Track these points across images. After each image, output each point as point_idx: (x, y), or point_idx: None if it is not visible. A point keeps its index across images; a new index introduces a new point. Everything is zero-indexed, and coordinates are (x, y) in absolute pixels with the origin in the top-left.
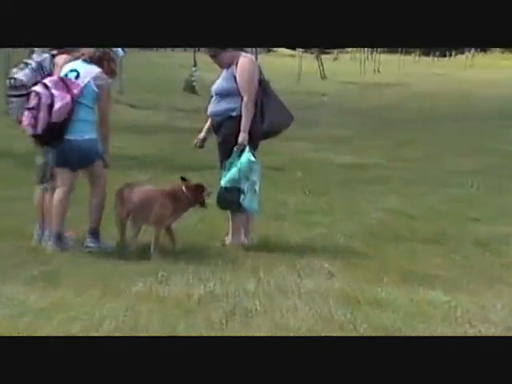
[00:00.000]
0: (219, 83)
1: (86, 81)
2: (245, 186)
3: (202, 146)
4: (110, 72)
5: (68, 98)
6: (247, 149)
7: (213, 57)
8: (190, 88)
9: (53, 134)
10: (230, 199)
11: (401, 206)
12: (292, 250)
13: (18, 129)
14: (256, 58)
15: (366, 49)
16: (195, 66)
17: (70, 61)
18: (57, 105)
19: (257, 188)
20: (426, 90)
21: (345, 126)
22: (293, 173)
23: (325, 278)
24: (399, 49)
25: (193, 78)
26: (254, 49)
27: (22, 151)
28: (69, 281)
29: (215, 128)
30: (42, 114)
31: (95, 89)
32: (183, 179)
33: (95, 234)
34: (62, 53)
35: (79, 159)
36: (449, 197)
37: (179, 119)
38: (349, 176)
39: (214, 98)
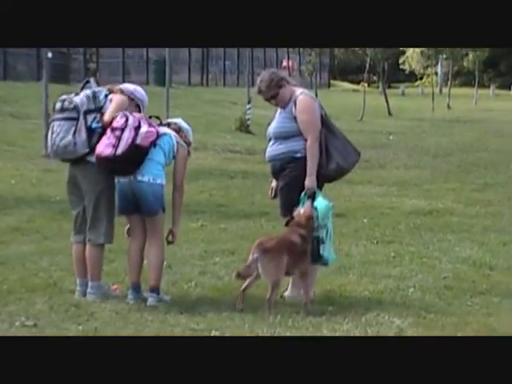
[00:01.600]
0: (278, 125)
1: (167, 131)
2: (323, 234)
3: (276, 196)
4: (187, 143)
5: (154, 129)
6: (319, 193)
7: (272, 98)
8: (244, 127)
9: (131, 159)
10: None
11: (478, 256)
12: (358, 305)
13: (57, 173)
14: (316, 94)
15: (436, 82)
16: (249, 102)
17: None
18: (143, 128)
19: (332, 235)
20: (505, 128)
21: (414, 167)
22: (358, 220)
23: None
24: (474, 82)
25: (247, 117)
26: (314, 83)
27: (60, 198)
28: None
29: (276, 173)
30: (127, 134)
31: (175, 143)
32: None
33: (157, 291)
34: (116, 92)
35: (150, 203)
36: None
37: (232, 161)
38: (420, 223)
39: (272, 141)
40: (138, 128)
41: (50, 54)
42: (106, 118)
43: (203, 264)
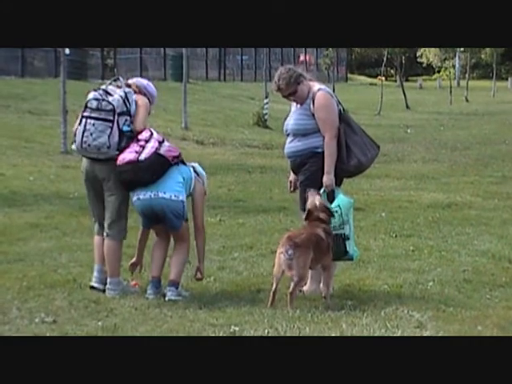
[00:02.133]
0: (295, 122)
1: (189, 164)
2: (347, 231)
3: (296, 189)
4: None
5: (177, 149)
6: (338, 191)
7: (291, 95)
8: (262, 122)
9: (153, 167)
10: (335, 248)
11: (498, 249)
12: (377, 299)
13: (75, 170)
14: (333, 88)
15: (453, 75)
16: (267, 97)
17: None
18: (167, 143)
19: (353, 230)
20: None
21: (432, 161)
22: (376, 214)
23: (414, 330)
24: (492, 74)
25: (264, 111)
26: (332, 77)
27: (79, 194)
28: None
29: (295, 168)
30: (152, 144)
31: (193, 176)
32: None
33: (176, 285)
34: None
35: (172, 221)
36: None
37: (250, 156)
38: (438, 216)
39: (291, 137)
40: (161, 142)
41: (67, 51)
42: (139, 124)
43: (222, 259)
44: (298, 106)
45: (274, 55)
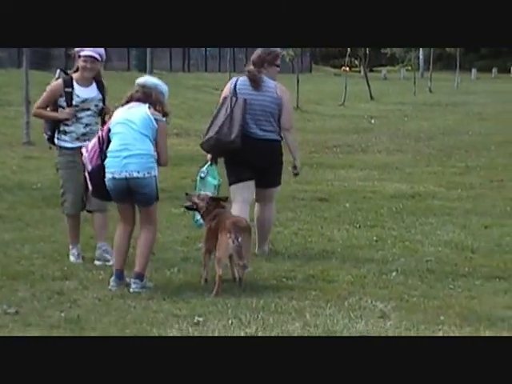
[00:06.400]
0: None
1: (141, 111)
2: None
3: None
4: (165, 113)
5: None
6: (206, 164)
7: None
8: None
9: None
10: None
11: (460, 239)
12: (340, 289)
13: (38, 160)
14: (297, 79)
15: (417, 66)
16: None
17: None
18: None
19: None
20: (487, 111)
21: (396, 151)
22: (340, 204)
23: (377, 320)
24: (455, 65)
25: None
26: (296, 68)
27: (42, 185)
28: (96, 327)
29: None
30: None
31: (154, 121)
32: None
33: (141, 278)
34: None
35: (146, 196)
36: None
37: None
38: (402, 207)
39: None
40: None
41: None
42: None
43: (186, 250)
44: None
45: None
